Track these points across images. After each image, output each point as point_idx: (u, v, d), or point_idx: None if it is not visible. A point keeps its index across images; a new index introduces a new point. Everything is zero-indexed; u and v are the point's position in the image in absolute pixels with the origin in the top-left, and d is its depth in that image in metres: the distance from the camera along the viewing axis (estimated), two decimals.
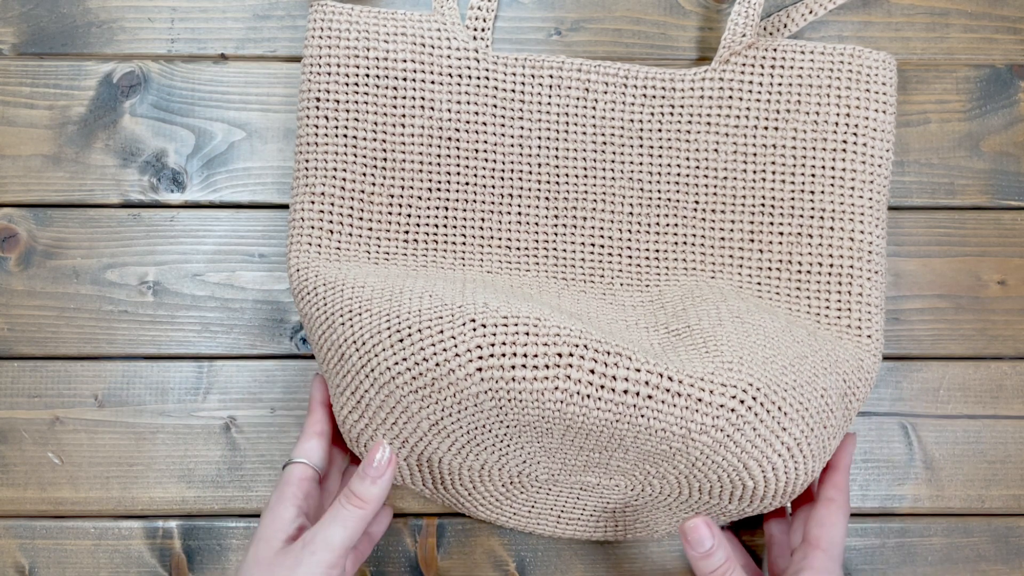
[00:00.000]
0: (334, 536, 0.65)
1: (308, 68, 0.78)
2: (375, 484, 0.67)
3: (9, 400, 0.83)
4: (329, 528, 0.65)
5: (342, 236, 0.77)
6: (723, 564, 0.68)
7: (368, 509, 0.66)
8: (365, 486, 0.66)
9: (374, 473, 0.67)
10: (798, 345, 0.71)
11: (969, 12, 0.86)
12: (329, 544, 0.65)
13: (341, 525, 0.65)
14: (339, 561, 0.65)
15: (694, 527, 0.68)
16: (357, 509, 0.66)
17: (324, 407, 0.76)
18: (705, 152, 0.79)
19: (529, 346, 0.64)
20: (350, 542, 0.66)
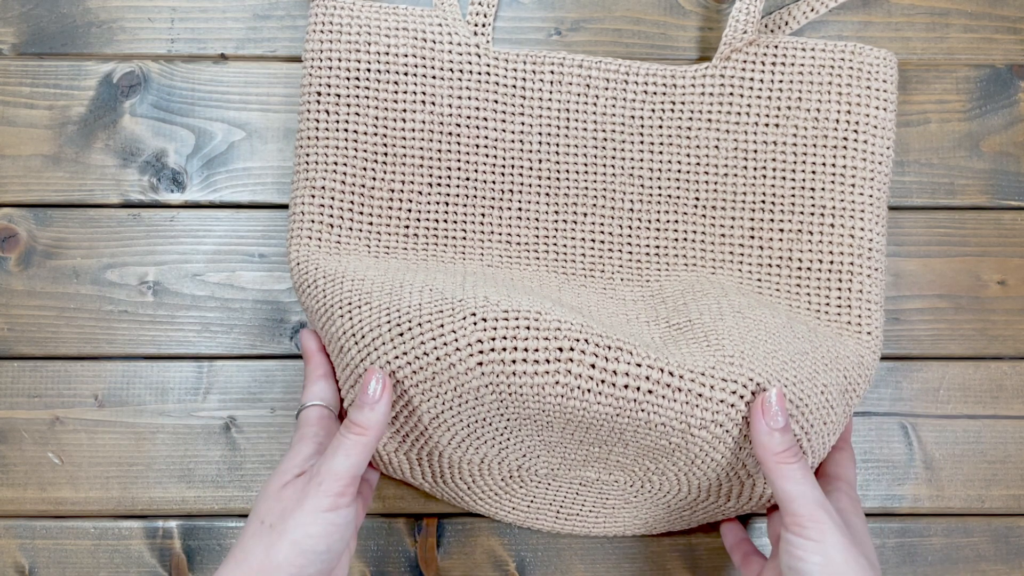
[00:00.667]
0: (338, 465, 0.65)
1: (309, 63, 0.78)
2: (373, 410, 0.66)
3: (9, 400, 0.83)
4: (333, 459, 0.65)
5: (342, 230, 0.77)
6: (788, 449, 0.65)
7: (369, 436, 0.66)
8: (364, 413, 0.66)
9: (371, 400, 0.66)
10: (798, 341, 0.71)
11: (969, 12, 0.86)
12: (334, 473, 0.65)
13: (344, 454, 0.65)
14: (347, 490, 0.65)
15: (771, 398, 0.65)
16: (358, 437, 0.66)
17: (320, 353, 0.76)
18: (706, 149, 0.79)
19: (530, 340, 0.64)
20: (355, 470, 0.65)
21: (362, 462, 0.66)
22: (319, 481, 0.65)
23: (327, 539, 0.64)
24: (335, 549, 0.65)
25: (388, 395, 0.67)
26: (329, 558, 0.65)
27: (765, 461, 0.65)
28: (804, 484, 0.64)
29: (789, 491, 0.64)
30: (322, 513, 0.64)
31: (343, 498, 0.65)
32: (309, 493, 0.65)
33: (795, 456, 0.65)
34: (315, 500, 0.64)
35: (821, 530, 0.63)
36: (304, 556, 0.63)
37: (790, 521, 0.64)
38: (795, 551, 0.63)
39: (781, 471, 0.65)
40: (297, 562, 0.63)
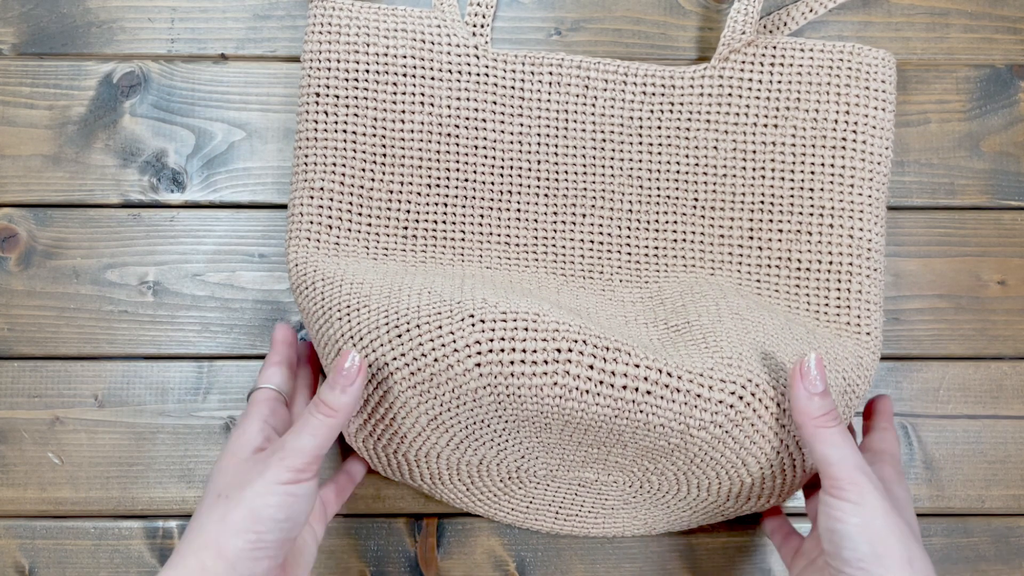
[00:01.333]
0: (303, 443, 0.64)
1: (308, 63, 0.78)
2: (344, 393, 0.65)
3: (9, 400, 0.83)
4: (299, 436, 0.65)
5: (341, 231, 0.77)
6: (827, 413, 0.65)
7: (337, 418, 0.65)
8: (335, 395, 0.65)
9: (343, 382, 0.66)
10: (797, 342, 0.71)
11: (969, 12, 0.86)
12: (298, 450, 0.64)
13: (310, 433, 0.65)
14: (308, 467, 0.64)
15: (810, 362, 0.65)
16: (326, 417, 0.65)
17: (284, 344, 0.77)
18: (704, 149, 0.79)
19: (528, 341, 0.64)
20: (319, 450, 0.65)
21: (326, 442, 0.65)
22: (282, 456, 0.64)
23: (287, 509, 0.63)
24: (295, 519, 0.64)
25: (362, 378, 0.66)
26: (289, 527, 0.64)
27: (804, 426, 0.65)
28: (843, 448, 0.64)
29: (828, 455, 0.64)
30: (281, 485, 0.63)
31: (304, 474, 0.64)
32: (271, 465, 0.64)
33: (834, 420, 0.65)
34: (276, 473, 0.64)
35: (860, 492, 0.63)
36: (262, 523, 0.63)
37: (829, 484, 0.64)
38: (833, 512, 0.63)
39: (820, 435, 0.64)
40: (255, 528, 0.62)
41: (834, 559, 0.63)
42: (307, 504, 0.65)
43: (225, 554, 0.62)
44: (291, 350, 0.77)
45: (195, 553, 0.62)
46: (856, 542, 0.62)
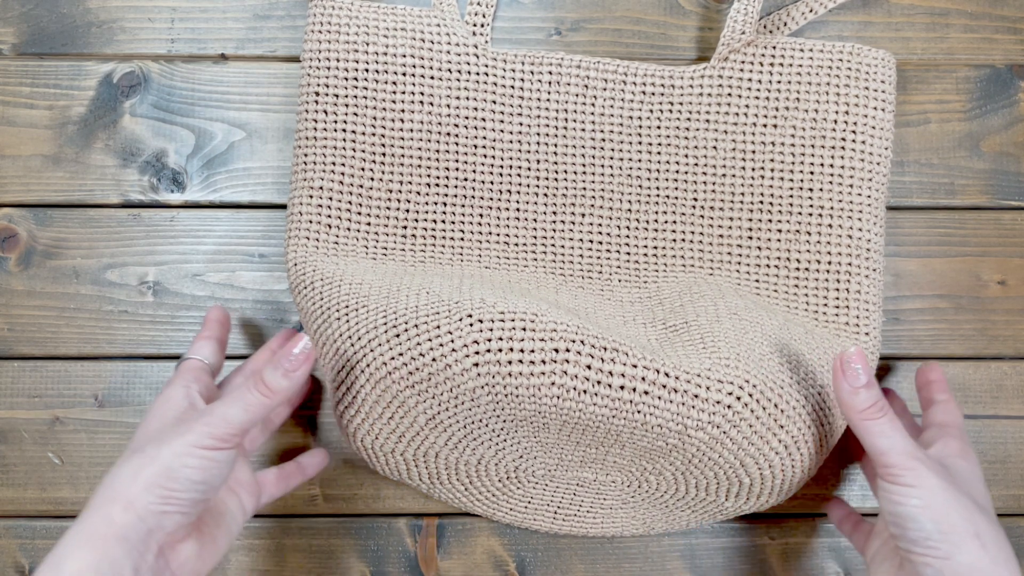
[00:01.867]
0: (233, 415, 0.64)
1: (308, 63, 0.78)
2: (286, 377, 0.65)
3: (9, 400, 0.83)
4: (230, 407, 0.64)
5: (340, 230, 0.77)
6: (873, 405, 0.65)
7: (273, 400, 0.65)
8: (276, 377, 0.65)
9: (288, 366, 0.65)
10: (795, 343, 0.71)
11: (969, 12, 0.86)
12: (225, 420, 0.64)
13: (242, 407, 0.64)
14: (232, 438, 0.64)
15: (850, 356, 0.65)
16: (262, 396, 0.64)
17: (218, 323, 0.78)
18: (704, 149, 0.79)
19: (526, 341, 0.64)
20: (247, 425, 0.64)
21: (257, 420, 0.65)
22: (207, 421, 0.63)
23: (203, 472, 0.63)
24: (211, 483, 0.63)
25: (307, 367, 0.66)
26: (205, 488, 0.63)
27: (852, 419, 0.66)
28: (893, 437, 0.65)
29: (879, 445, 0.65)
30: (200, 449, 0.63)
31: (225, 443, 0.63)
32: (193, 429, 0.63)
33: (881, 411, 0.65)
34: (197, 437, 0.63)
35: (916, 475, 0.64)
36: (176, 482, 0.62)
37: (884, 472, 0.65)
38: (893, 497, 0.64)
39: (869, 427, 0.65)
40: (167, 485, 0.62)
41: (902, 541, 0.65)
42: (225, 469, 0.64)
43: (135, 507, 0.61)
44: (222, 329, 0.78)
45: (104, 506, 0.61)
46: (920, 522, 0.63)
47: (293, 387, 0.65)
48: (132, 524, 0.61)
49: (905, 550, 0.64)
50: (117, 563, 0.60)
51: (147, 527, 0.61)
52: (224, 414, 0.64)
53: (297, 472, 0.79)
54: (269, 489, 0.76)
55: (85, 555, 0.60)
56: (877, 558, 0.71)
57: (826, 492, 0.84)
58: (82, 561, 0.59)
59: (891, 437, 0.65)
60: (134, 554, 0.61)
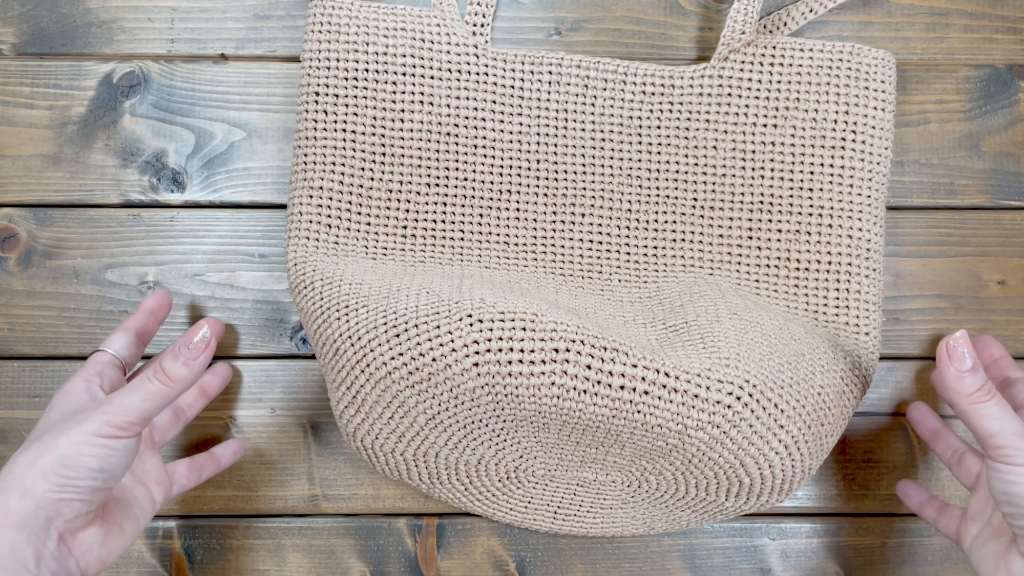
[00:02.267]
0: (131, 403, 0.63)
1: (308, 63, 0.78)
2: (187, 367, 0.64)
3: (9, 400, 0.83)
4: (129, 395, 0.63)
5: (340, 230, 0.77)
6: (980, 388, 0.65)
7: (174, 388, 0.64)
8: (176, 366, 0.64)
9: (188, 355, 0.65)
10: (795, 343, 0.71)
11: (969, 12, 0.86)
12: (124, 408, 0.63)
13: (141, 396, 0.63)
14: (131, 427, 0.63)
15: (957, 340, 0.65)
16: (162, 386, 0.64)
17: (146, 313, 0.78)
18: (704, 149, 0.79)
19: (526, 341, 0.64)
20: (147, 414, 0.63)
21: (156, 409, 0.64)
22: (105, 410, 0.63)
23: (101, 460, 0.62)
24: (111, 471, 0.63)
25: (207, 355, 0.65)
26: (105, 477, 0.62)
27: (958, 403, 0.66)
28: (1003, 419, 0.65)
29: (990, 427, 0.65)
30: (96, 437, 0.62)
31: (124, 431, 0.63)
32: (91, 417, 0.62)
33: (989, 393, 0.65)
34: (95, 425, 0.62)
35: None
36: (73, 470, 0.61)
37: (996, 454, 0.65)
38: (1007, 476, 0.64)
39: (977, 411, 0.65)
40: (64, 472, 0.61)
41: (1018, 519, 0.65)
42: (125, 458, 0.63)
43: (31, 494, 0.61)
44: (151, 320, 0.78)
45: (0, 495, 0.61)
46: None
47: (192, 376, 0.65)
48: (30, 511, 0.61)
49: (1022, 527, 0.65)
50: (17, 548, 0.60)
51: (45, 514, 0.61)
52: (122, 403, 0.63)
53: (211, 462, 0.79)
54: (180, 480, 0.76)
55: None
56: (979, 541, 0.71)
57: (827, 492, 0.84)
58: None
59: (1001, 419, 0.65)
60: (34, 540, 0.61)
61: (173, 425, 0.79)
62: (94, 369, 0.72)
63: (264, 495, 0.83)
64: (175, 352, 0.65)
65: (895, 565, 0.84)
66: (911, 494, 0.81)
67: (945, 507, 0.77)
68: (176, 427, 0.79)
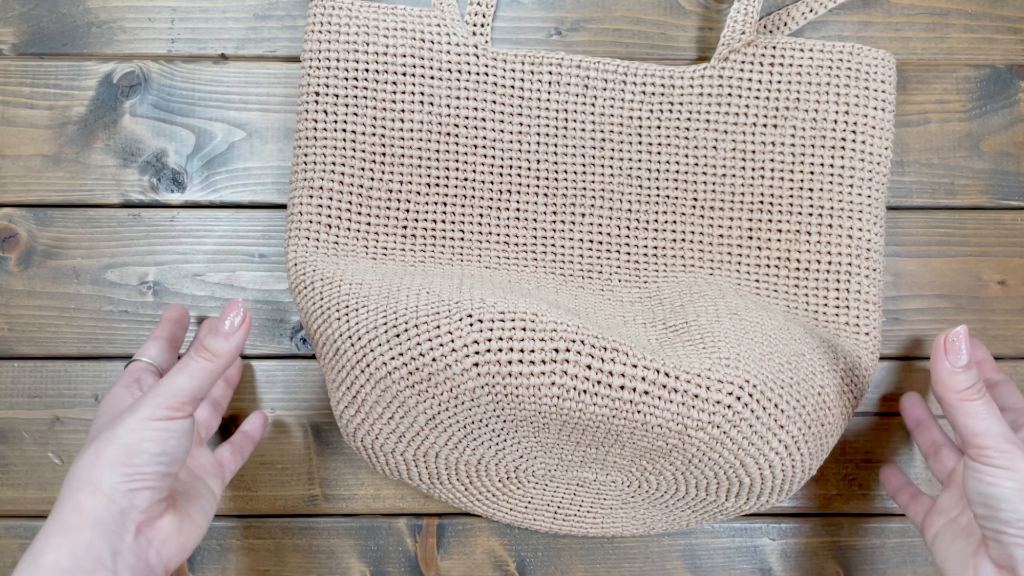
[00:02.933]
0: (180, 383, 0.64)
1: (308, 63, 0.78)
2: (227, 340, 0.66)
3: (9, 400, 0.83)
4: (177, 377, 0.64)
5: (340, 230, 0.77)
6: (972, 386, 0.65)
7: (218, 363, 0.65)
8: (217, 341, 0.66)
9: (227, 331, 0.66)
10: (795, 343, 0.71)
11: (969, 12, 0.86)
12: (174, 389, 0.64)
13: (188, 374, 0.64)
14: (183, 407, 0.64)
15: (957, 335, 0.65)
16: (207, 362, 0.65)
17: (171, 322, 0.79)
18: (704, 149, 0.79)
19: (526, 341, 0.64)
20: (197, 391, 0.65)
21: (204, 386, 0.65)
22: (155, 394, 0.64)
23: (161, 443, 0.63)
24: (173, 454, 0.63)
25: (245, 329, 0.67)
26: (168, 460, 0.63)
27: (947, 399, 0.66)
28: (989, 419, 0.65)
29: (975, 427, 0.65)
30: (153, 421, 0.63)
31: (178, 412, 0.64)
32: (144, 404, 0.63)
33: (979, 392, 0.65)
34: (149, 410, 0.63)
35: (1011, 458, 0.64)
36: (137, 456, 0.62)
37: (977, 453, 0.65)
38: (985, 478, 0.64)
39: (966, 408, 0.65)
40: (129, 461, 0.62)
41: (990, 521, 0.64)
42: (184, 440, 0.64)
43: (101, 488, 0.61)
44: (177, 328, 0.79)
45: (70, 496, 0.61)
46: (1014, 503, 0.63)
47: (233, 349, 0.66)
48: (103, 506, 0.61)
49: (995, 531, 0.64)
50: (93, 547, 0.60)
51: (119, 507, 0.61)
52: (171, 384, 0.64)
53: (247, 440, 0.80)
54: (229, 465, 0.77)
55: (60, 543, 0.60)
56: (944, 536, 0.71)
57: (827, 492, 0.84)
58: (58, 550, 0.59)
59: (987, 419, 0.65)
60: (110, 536, 0.61)
61: (214, 419, 0.79)
62: (132, 376, 0.73)
63: (264, 495, 0.83)
64: (214, 329, 0.66)
65: (895, 565, 0.84)
66: (891, 478, 0.81)
67: (918, 495, 0.78)
68: (216, 421, 0.79)
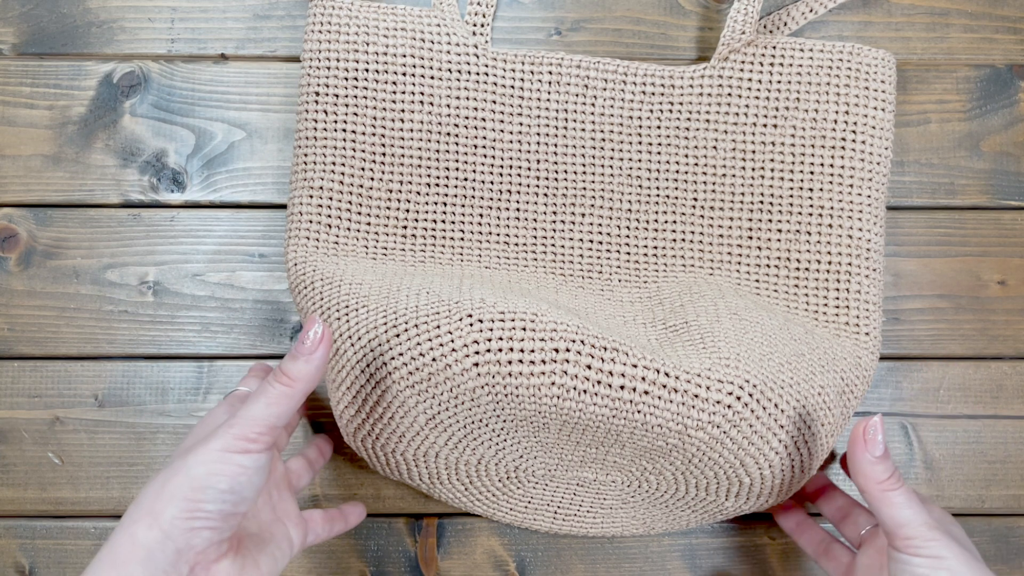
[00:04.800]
0: (256, 410, 0.62)
1: (308, 62, 0.78)
2: (307, 362, 0.63)
3: (9, 400, 0.83)
4: (253, 404, 0.62)
5: (340, 230, 0.77)
6: (891, 476, 0.65)
7: (296, 388, 0.63)
8: (297, 364, 0.63)
9: (306, 351, 0.63)
10: (795, 343, 0.71)
11: (969, 12, 0.86)
12: (250, 418, 0.61)
13: (264, 401, 0.62)
14: (260, 437, 0.61)
15: (874, 425, 0.65)
16: (284, 387, 0.62)
17: (262, 368, 0.78)
18: (704, 149, 0.79)
19: (526, 341, 0.64)
20: (274, 419, 0.62)
21: (283, 413, 0.63)
22: (231, 423, 0.61)
23: (230, 479, 0.60)
24: (241, 492, 0.60)
25: (325, 348, 0.64)
26: (234, 500, 0.60)
27: (869, 490, 0.65)
28: (911, 508, 0.64)
29: (897, 517, 0.64)
30: (226, 453, 0.60)
31: (254, 444, 0.61)
32: (218, 434, 0.61)
33: (898, 482, 0.65)
34: (222, 440, 0.61)
35: (941, 546, 0.63)
36: (201, 491, 0.59)
37: (904, 544, 0.64)
38: (916, 570, 0.63)
39: (887, 499, 0.64)
40: (192, 496, 0.59)
41: None
42: (256, 478, 0.61)
43: (159, 522, 0.58)
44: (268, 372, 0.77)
45: (129, 525, 0.59)
46: None
47: (312, 373, 0.63)
48: (157, 542, 0.58)
49: None
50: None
51: (175, 546, 0.59)
52: (247, 413, 0.62)
53: (340, 518, 0.77)
54: (315, 528, 0.74)
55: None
56: None
57: None
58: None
59: (909, 508, 0.64)
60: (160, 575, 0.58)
61: (307, 471, 0.77)
62: (230, 403, 0.71)
63: None
64: (293, 354, 0.64)
65: None
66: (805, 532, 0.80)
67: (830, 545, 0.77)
68: (309, 474, 0.78)
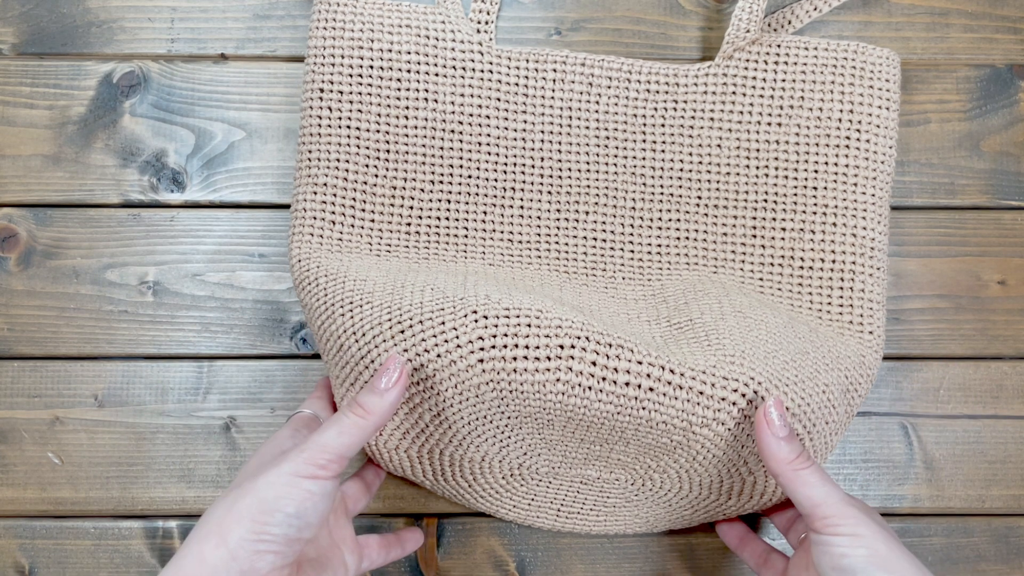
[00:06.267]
0: (328, 439, 0.62)
1: (312, 59, 0.78)
2: (382, 397, 0.64)
3: (9, 400, 0.83)
4: (325, 432, 0.63)
5: (344, 227, 0.77)
6: (799, 456, 0.64)
7: (370, 421, 0.64)
8: (372, 398, 0.64)
9: (383, 387, 0.64)
10: (800, 341, 0.71)
11: (969, 12, 0.86)
12: (321, 445, 0.62)
13: (337, 430, 0.63)
14: (330, 465, 0.62)
15: (769, 408, 0.64)
16: (359, 419, 0.63)
17: (324, 388, 0.77)
18: (708, 147, 0.79)
19: (531, 338, 0.64)
20: (345, 449, 0.63)
21: (354, 444, 0.63)
22: (302, 449, 0.62)
23: (297, 503, 0.61)
24: (307, 518, 0.61)
25: (402, 386, 0.65)
26: (300, 524, 0.61)
27: (779, 471, 0.64)
28: (824, 486, 0.64)
29: (811, 496, 0.63)
30: (295, 477, 0.61)
31: (324, 471, 0.62)
32: (289, 458, 0.62)
33: (807, 461, 0.64)
34: (293, 465, 0.61)
35: (857, 523, 0.62)
36: (268, 514, 0.60)
37: (821, 524, 0.63)
38: (835, 550, 0.62)
39: (798, 478, 0.64)
40: (260, 518, 0.60)
41: None
42: (323, 504, 0.62)
43: (226, 542, 0.59)
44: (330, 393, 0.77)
45: (197, 543, 0.60)
46: (869, 572, 0.61)
47: (386, 408, 0.64)
48: (223, 563, 0.59)
49: None
50: None
51: (240, 568, 0.59)
52: (318, 440, 0.63)
53: (396, 544, 0.78)
54: (371, 554, 0.74)
55: None
56: None
57: None
58: None
59: (821, 486, 0.64)
60: None
61: (363, 496, 0.77)
62: (300, 423, 0.71)
63: None
64: (370, 388, 0.65)
65: None
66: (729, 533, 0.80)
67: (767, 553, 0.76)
68: (365, 499, 0.77)
